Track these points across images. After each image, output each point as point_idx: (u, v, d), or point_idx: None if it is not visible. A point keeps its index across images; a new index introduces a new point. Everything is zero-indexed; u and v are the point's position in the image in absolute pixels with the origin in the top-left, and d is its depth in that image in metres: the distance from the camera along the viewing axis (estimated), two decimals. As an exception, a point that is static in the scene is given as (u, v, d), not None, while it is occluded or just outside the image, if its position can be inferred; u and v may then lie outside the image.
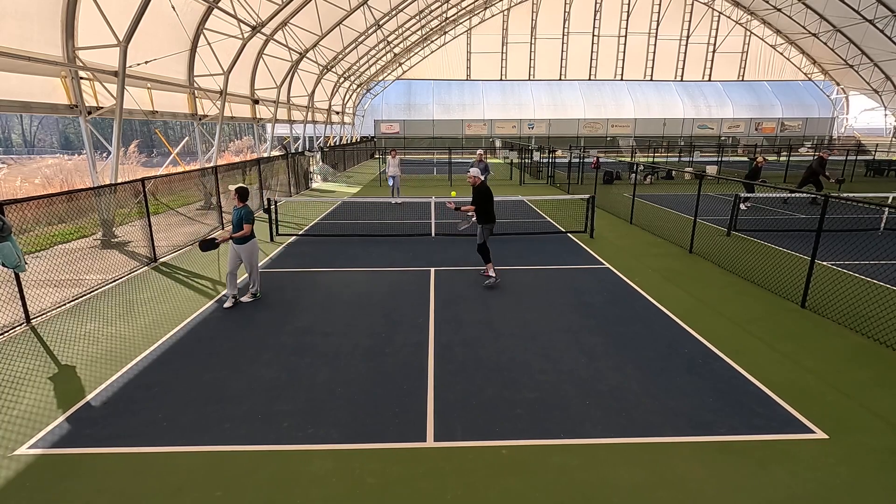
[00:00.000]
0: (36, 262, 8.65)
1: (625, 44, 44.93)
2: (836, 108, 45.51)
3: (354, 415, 4.47)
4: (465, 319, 6.64)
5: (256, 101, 19.60)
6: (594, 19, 43.93)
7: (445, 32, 42.56)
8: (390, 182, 17.19)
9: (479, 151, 14.89)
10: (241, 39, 15.67)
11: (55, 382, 5.07)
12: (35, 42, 9.14)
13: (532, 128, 45.08)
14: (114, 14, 10.18)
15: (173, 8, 12.49)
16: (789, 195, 15.75)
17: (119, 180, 10.22)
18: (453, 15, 39.08)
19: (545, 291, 7.76)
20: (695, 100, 45.63)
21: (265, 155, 21.60)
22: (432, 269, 8.96)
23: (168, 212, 12.84)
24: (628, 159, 34.32)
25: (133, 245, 10.16)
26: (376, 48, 31.59)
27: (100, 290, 7.92)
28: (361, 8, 21.70)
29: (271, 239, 11.37)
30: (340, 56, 25.87)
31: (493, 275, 7.92)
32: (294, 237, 11.75)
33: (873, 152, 30.20)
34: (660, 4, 43.57)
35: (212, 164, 14.42)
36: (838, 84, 43.87)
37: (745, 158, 33.87)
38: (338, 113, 34.75)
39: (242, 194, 7.06)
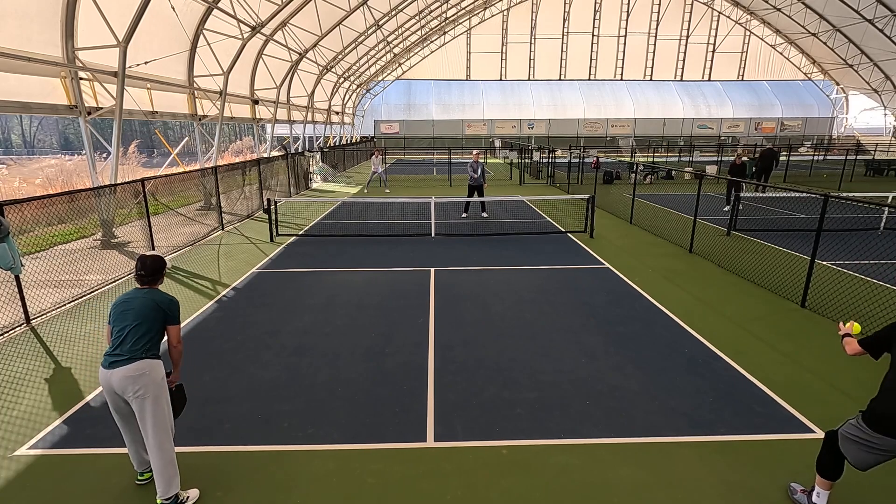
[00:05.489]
0: (36, 262, 8.65)
1: (624, 44, 44.95)
2: (835, 107, 45.53)
3: (354, 415, 4.47)
4: (465, 319, 6.64)
5: (256, 102, 19.60)
6: (594, 19, 43.96)
7: (445, 32, 42.57)
8: (376, 173, 21.18)
9: (475, 152, 14.84)
10: (240, 40, 15.67)
11: (55, 383, 5.07)
12: (35, 42, 9.14)
13: (532, 128, 45.10)
14: (113, 14, 10.17)
15: (173, 8, 12.49)
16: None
17: (119, 181, 10.22)
18: (453, 15, 39.09)
19: (545, 291, 7.76)
20: (694, 99, 45.66)
21: (265, 155, 21.59)
22: (432, 269, 8.96)
23: (168, 212, 12.84)
24: (628, 159, 34.32)
25: (133, 245, 10.16)
26: (376, 48, 31.59)
27: (100, 290, 7.92)
28: (361, 8, 21.70)
29: (271, 239, 11.37)
30: (340, 56, 25.87)
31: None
32: (294, 237, 11.75)
33: (873, 152, 30.19)
34: (659, 4, 43.58)
35: (212, 165, 14.42)
36: (838, 84, 43.89)
37: (746, 158, 33.81)
38: (337, 113, 34.75)
39: (156, 267, 3.52)
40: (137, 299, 3.39)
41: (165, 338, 3.47)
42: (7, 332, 6.21)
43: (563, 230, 12.26)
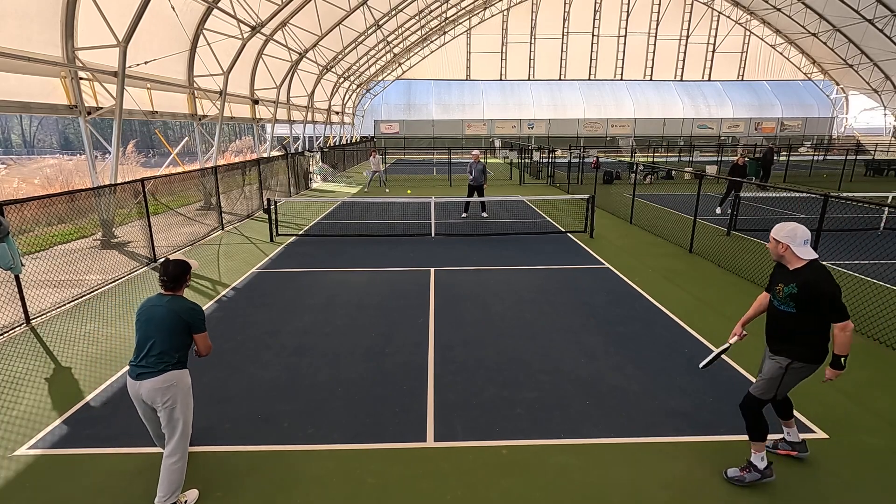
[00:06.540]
0: (36, 262, 8.64)
1: (624, 44, 44.95)
2: (835, 107, 45.54)
3: (354, 415, 4.47)
4: (465, 319, 6.64)
5: (256, 102, 19.59)
6: (594, 19, 43.96)
7: (445, 32, 42.57)
8: (376, 172, 21.30)
9: (475, 151, 14.74)
10: (240, 39, 15.67)
11: (55, 383, 5.07)
12: (35, 42, 9.14)
13: (532, 128, 45.09)
14: (113, 14, 10.17)
15: (173, 8, 12.49)
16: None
17: (119, 180, 10.22)
18: (453, 15, 39.08)
19: (545, 291, 7.75)
20: (694, 99, 45.66)
21: (265, 155, 21.60)
22: (432, 269, 8.96)
23: (168, 212, 12.83)
24: (628, 159, 34.32)
25: (133, 245, 10.16)
26: (376, 48, 31.59)
27: (100, 290, 7.92)
28: (361, 8, 21.70)
29: (271, 239, 11.37)
30: (340, 56, 25.87)
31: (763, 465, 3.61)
32: (294, 237, 11.74)
33: (873, 152, 30.20)
34: (659, 4, 43.58)
35: (212, 165, 14.42)
36: (838, 84, 43.89)
37: (748, 158, 33.90)
38: (337, 113, 34.74)
39: (178, 273, 3.46)
40: (159, 308, 3.32)
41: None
42: (7, 332, 6.21)
43: (563, 230, 12.26)
